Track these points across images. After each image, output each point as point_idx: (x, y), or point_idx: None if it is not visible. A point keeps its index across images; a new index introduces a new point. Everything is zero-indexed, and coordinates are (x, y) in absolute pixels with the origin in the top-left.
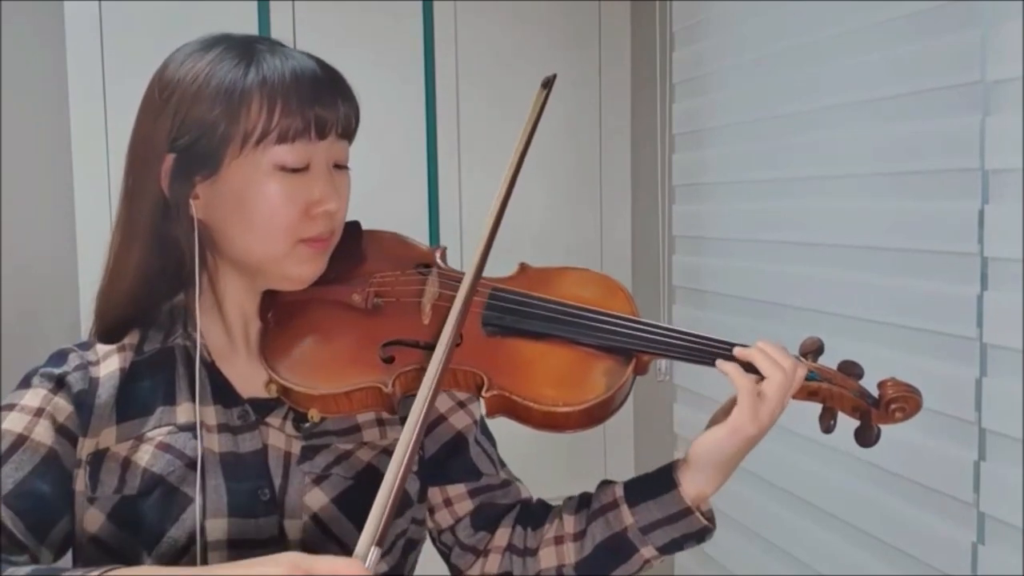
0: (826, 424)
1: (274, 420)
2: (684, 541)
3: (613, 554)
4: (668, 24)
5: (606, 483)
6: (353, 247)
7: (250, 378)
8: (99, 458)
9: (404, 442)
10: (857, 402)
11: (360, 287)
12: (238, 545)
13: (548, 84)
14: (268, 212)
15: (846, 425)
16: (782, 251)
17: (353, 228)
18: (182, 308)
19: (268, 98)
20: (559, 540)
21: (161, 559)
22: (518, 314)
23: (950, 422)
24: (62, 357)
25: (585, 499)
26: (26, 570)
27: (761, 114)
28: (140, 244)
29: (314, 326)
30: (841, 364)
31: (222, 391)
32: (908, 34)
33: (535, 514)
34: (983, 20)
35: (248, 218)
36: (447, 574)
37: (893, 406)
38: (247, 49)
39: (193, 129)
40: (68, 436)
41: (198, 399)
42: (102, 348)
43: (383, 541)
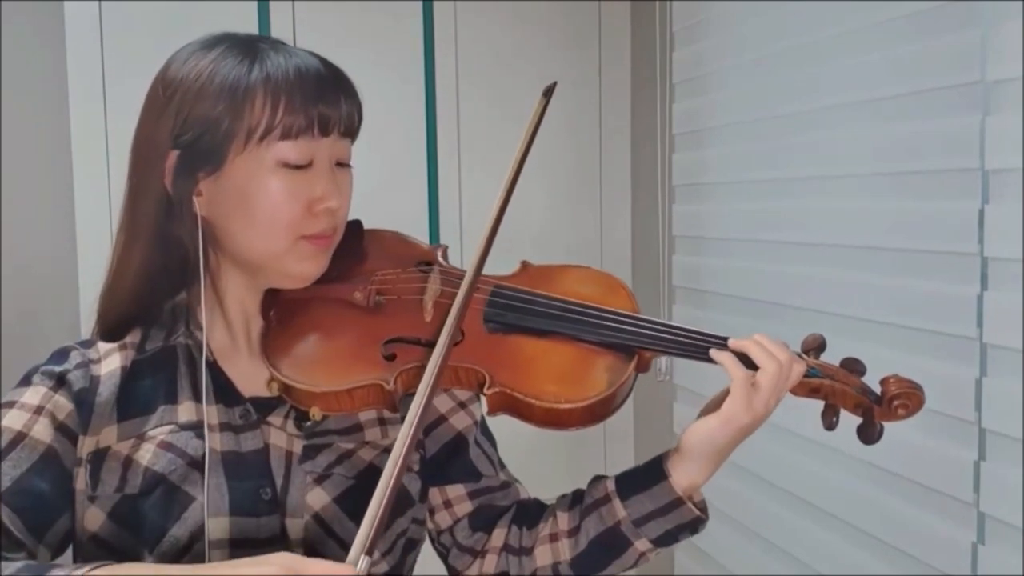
0: (828, 421)
1: (276, 419)
2: (678, 532)
3: (608, 548)
4: (668, 24)
5: (598, 478)
6: (355, 245)
7: (252, 377)
8: (100, 457)
9: (400, 441)
10: (860, 399)
11: (362, 285)
12: (239, 544)
13: (548, 93)
14: (271, 208)
15: (847, 425)
16: (782, 251)
17: (354, 227)
18: (184, 307)
19: (272, 94)
20: (554, 537)
21: (162, 558)
22: (519, 311)
23: (950, 422)
24: (63, 355)
25: (578, 495)
26: (16, 566)
27: (761, 114)
28: (143, 242)
29: (316, 324)
30: (844, 361)
31: (224, 390)
32: (908, 34)
33: (530, 513)
34: (983, 20)
35: (251, 214)
36: (446, 574)
37: (896, 403)
38: (250, 47)
39: (196, 126)
40: (68, 434)
41: (205, 398)
42: (104, 346)
43: (373, 550)
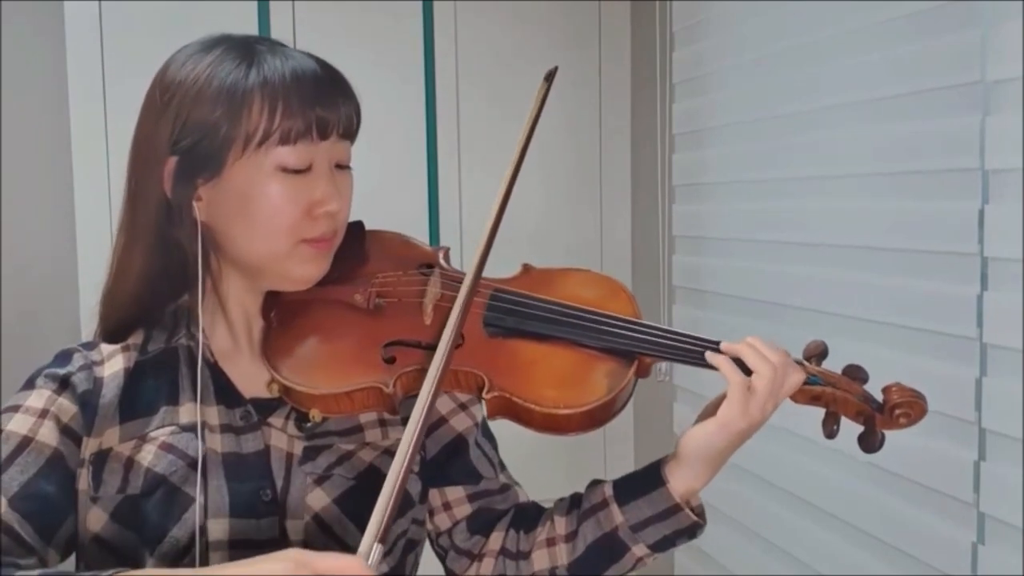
0: (829, 429)
1: (276, 420)
2: (675, 538)
3: (605, 553)
4: (668, 24)
5: (596, 483)
6: (356, 247)
7: (253, 378)
8: (102, 458)
9: (406, 441)
10: (861, 407)
11: (362, 287)
12: (239, 545)
13: (550, 77)
14: (270, 213)
15: (847, 426)
16: (782, 251)
17: (356, 228)
18: (186, 309)
19: (269, 99)
20: (551, 542)
21: (163, 559)
22: (519, 315)
23: (950, 422)
24: (66, 357)
25: (576, 500)
26: (35, 573)
27: (761, 114)
28: (143, 246)
29: (316, 326)
30: (846, 368)
31: (225, 391)
32: (908, 34)
33: (528, 517)
34: (983, 20)
35: (250, 219)
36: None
37: (898, 411)
38: (248, 50)
39: (195, 131)
40: (72, 436)
41: (202, 400)
42: (107, 348)
43: (386, 539)
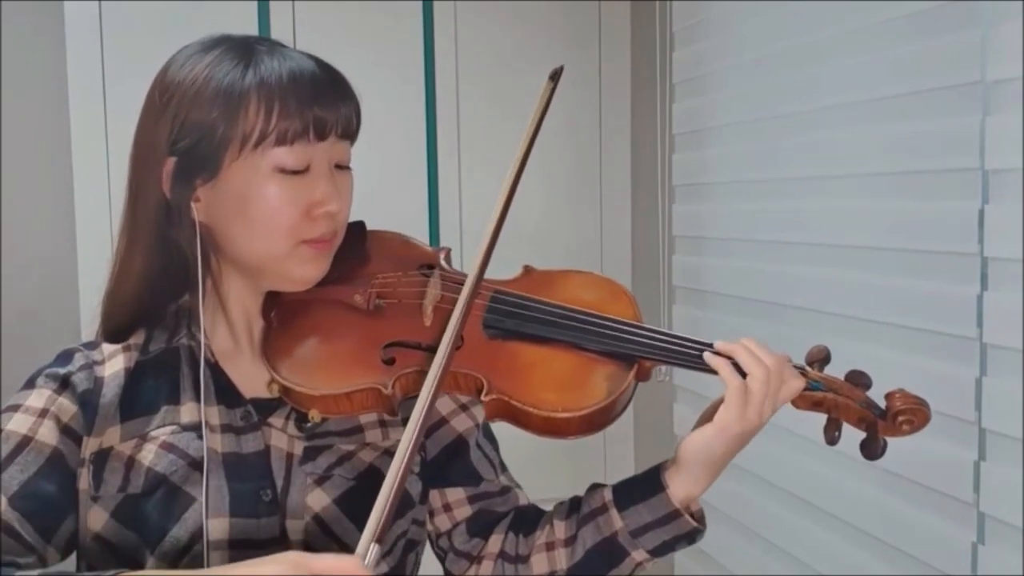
0: (830, 436)
1: (276, 420)
2: (675, 543)
3: (604, 558)
4: (668, 24)
5: (595, 487)
6: (357, 247)
7: (254, 378)
8: (103, 457)
9: (405, 441)
10: (864, 413)
11: (362, 288)
12: (239, 545)
13: (555, 76)
14: (269, 214)
15: (849, 430)
16: (782, 251)
17: (357, 228)
18: (187, 309)
19: (266, 100)
20: (550, 546)
21: (163, 558)
22: (519, 317)
23: (950, 422)
24: (68, 357)
25: (575, 504)
26: (34, 573)
27: (761, 114)
28: (144, 247)
29: (316, 326)
30: (848, 374)
31: (225, 391)
32: (908, 34)
33: (528, 520)
34: (983, 20)
35: (249, 220)
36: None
37: (901, 418)
38: (246, 50)
39: (192, 132)
40: (72, 436)
41: (204, 400)
42: (108, 348)
43: (383, 539)
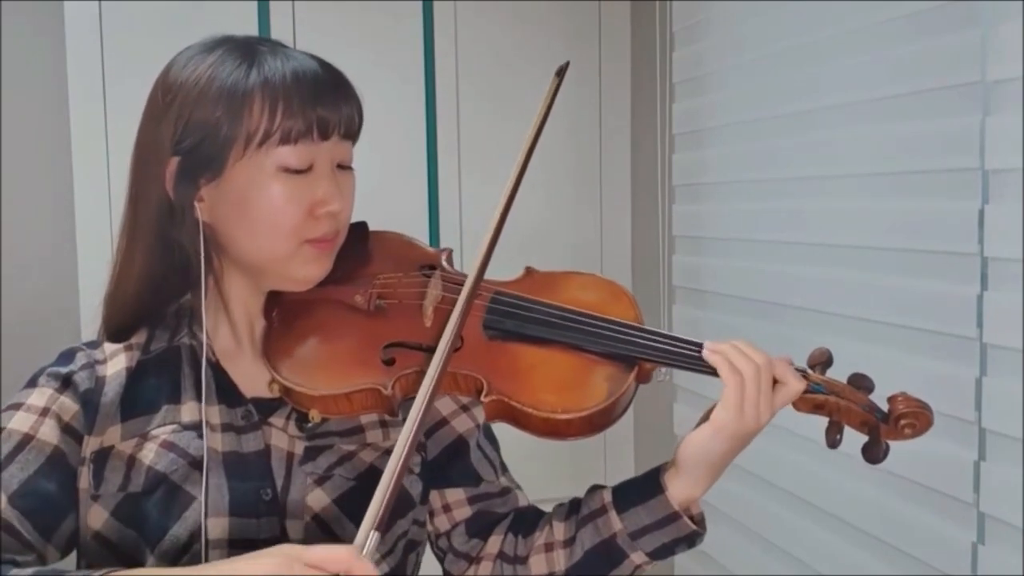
0: (832, 438)
1: (277, 420)
2: (674, 546)
3: (603, 560)
4: (668, 24)
5: (595, 488)
6: (358, 248)
7: (255, 378)
8: (104, 455)
9: (402, 440)
10: (866, 416)
11: (363, 288)
12: (239, 544)
13: (561, 72)
14: (272, 213)
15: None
16: (782, 251)
17: (359, 229)
18: (188, 308)
19: (270, 99)
20: (549, 547)
21: (163, 557)
22: (519, 318)
23: (950, 422)
24: (70, 356)
25: (575, 505)
26: (29, 571)
27: (761, 114)
28: (145, 247)
29: (317, 326)
30: (851, 377)
31: (226, 391)
32: (908, 34)
33: (527, 521)
34: (983, 20)
35: (252, 220)
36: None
37: (903, 422)
38: (249, 50)
39: (196, 132)
40: (74, 435)
41: (205, 399)
42: (110, 347)
43: (383, 526)
